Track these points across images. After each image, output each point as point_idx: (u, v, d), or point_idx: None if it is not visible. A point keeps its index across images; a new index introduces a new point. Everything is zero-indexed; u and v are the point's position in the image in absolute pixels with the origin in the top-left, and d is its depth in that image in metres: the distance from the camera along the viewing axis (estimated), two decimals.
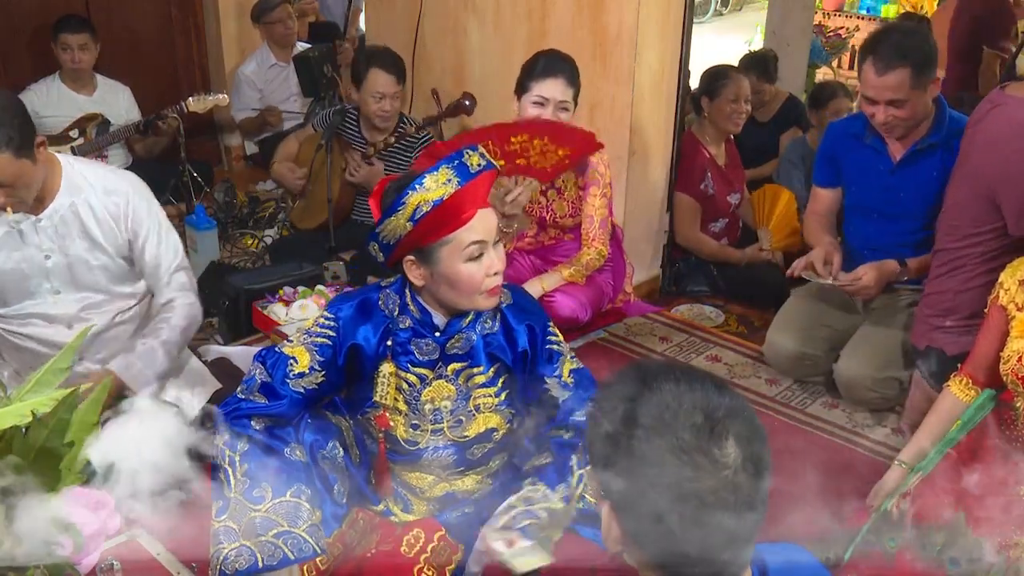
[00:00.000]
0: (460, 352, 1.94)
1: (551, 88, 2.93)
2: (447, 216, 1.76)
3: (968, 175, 2.46)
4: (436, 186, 1.74)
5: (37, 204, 2.33)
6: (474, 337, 1.93)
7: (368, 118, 3.78)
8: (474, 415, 1.96)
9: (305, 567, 1.86)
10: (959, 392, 2.12)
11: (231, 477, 1.82)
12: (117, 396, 2.45)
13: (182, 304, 2.51)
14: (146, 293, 2.59)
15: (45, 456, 1.29)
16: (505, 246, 2.14)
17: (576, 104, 3.02)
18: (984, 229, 2.41)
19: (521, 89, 3.01)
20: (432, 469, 2.00)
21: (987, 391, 2.06)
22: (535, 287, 3.05)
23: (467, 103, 3.71)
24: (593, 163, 3.09)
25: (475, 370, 1.94)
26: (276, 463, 1.86)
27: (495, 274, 1.84)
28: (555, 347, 2.00)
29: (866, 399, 2.93)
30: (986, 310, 2.08)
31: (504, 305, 1.96)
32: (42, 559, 1.30)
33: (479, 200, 1.80)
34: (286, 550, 1.78)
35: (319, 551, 1.83)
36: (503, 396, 1.96)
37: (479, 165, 1.78)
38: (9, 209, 2.25)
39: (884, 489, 2.11)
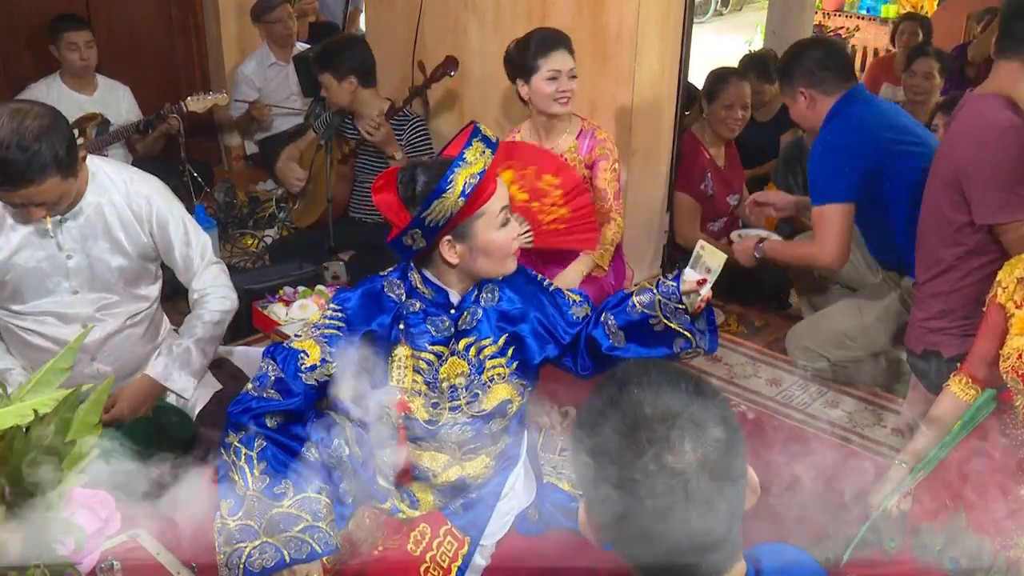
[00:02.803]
0: (469, 327, 1.98)
1: (559, 60, 2.97)
2: (485, 187, 1.86)
3: (939, 172, 2.54)
4: (476, 159, 1.83)
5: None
6: (479, 312, 1.99)
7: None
8: (488, 387, 1.99)
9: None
10: (959, 391, 2.12)
11: (247, 476, 1.83)
12: (156, 399, 2.52)
13: (214, 298, 2.55)
14: (159, 297, 2.61)
15: (46, 456, 1.29)
16: None
17: None
18: (959, 224, 2.47)
19: (526, 72, 3.00)
20: (448, 447, 2.01)
21: (988, 390, 2.06)
22: (571, 276, 3.02)
23: (450, 69, 3.77)
24: (600, 139, 3.09)
25: (484, 342, 1.99)
26: (294, 463, 1.87)
27: (517, 236, 1.97)
28: (556, 294, 2.10)
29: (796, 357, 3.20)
30: (984, 308, 2.09)
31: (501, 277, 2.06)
32: (42, 559, 1.31)
33: (495, 169, 1.93)
34: (313, 544, 1.80)
35: (339, 547, 1.86)
36: (514, 366, 2.01)
37: (495, 136, 1.91)
38: (48, 218, 2.29)
39: (885, 488, 2.11)
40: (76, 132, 3.98)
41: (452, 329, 1.97)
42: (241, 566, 1.80)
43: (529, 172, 2.99)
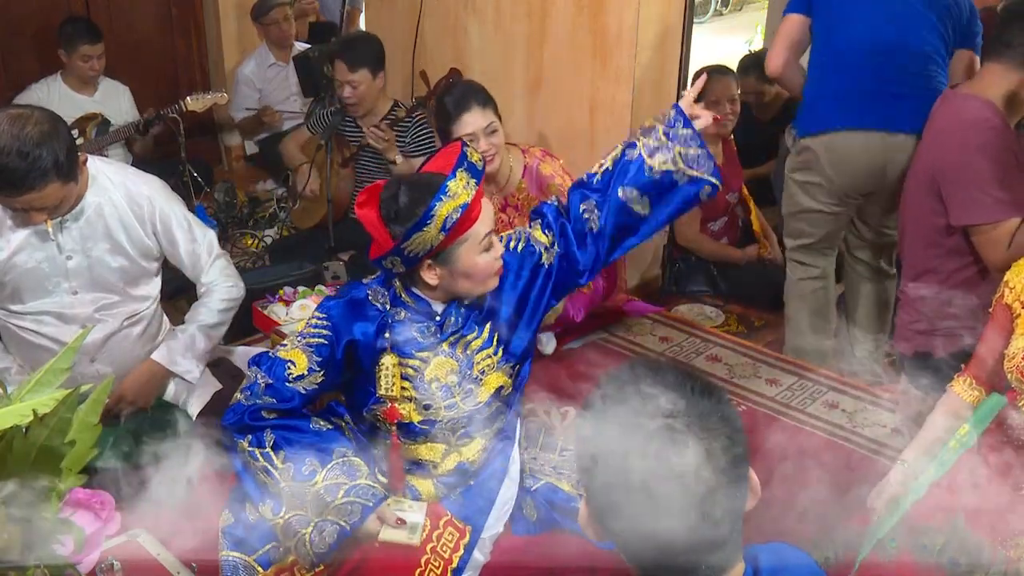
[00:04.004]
0: (455, 329, 2.00)
1: (471, 121, 2.87)
2: (469, 217, 1.83)
3: (918, 171, 2.57)
4: (460, 191, 1.80)
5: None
6: (462, 310, 2.00)
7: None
8: (481, 380, 2.00)
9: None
10: (962, 392, 2.11)
11: (274, 471, 1.85)
12: (161, 384, 2.54)
13: (221, 287, 2.56)
14: (157, 296, 2.61)
15: (46, 455, 1.29)
16: None
17: (500, 120, 2.96)
18: (938, 226, 2.50)
19: (446, 137, 2.95)
20: (444, 437, 2.03)
21: (994, 395, 2.04)
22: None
23: (454, 80, 3.73)
24: (548, 175, 3.05)
25: (469, 336, 2.00)
26: (308, 439, 1.90)
27: (500, 256, 1.96)
28: (519, 244, 2.07)
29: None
30: (990, 309, 2.08)
31: None
32: (42, 559, 1.31)
33: (481, 193, 1.90)
34: (361, 501, 1.82)
35: (387, 493, 1.89)
36: (500, 352, 2.03)
37: (480, 161, 1.88)
38: (49, 222, 2.29)
39: (887, 489, 2.11)
40: (76, 132, 3.99)
41: (437, 336, 1.99)
42: (310, 553, 1.82)
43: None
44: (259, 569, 1.90)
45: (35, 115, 2.16)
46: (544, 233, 2.08)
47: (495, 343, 2.02)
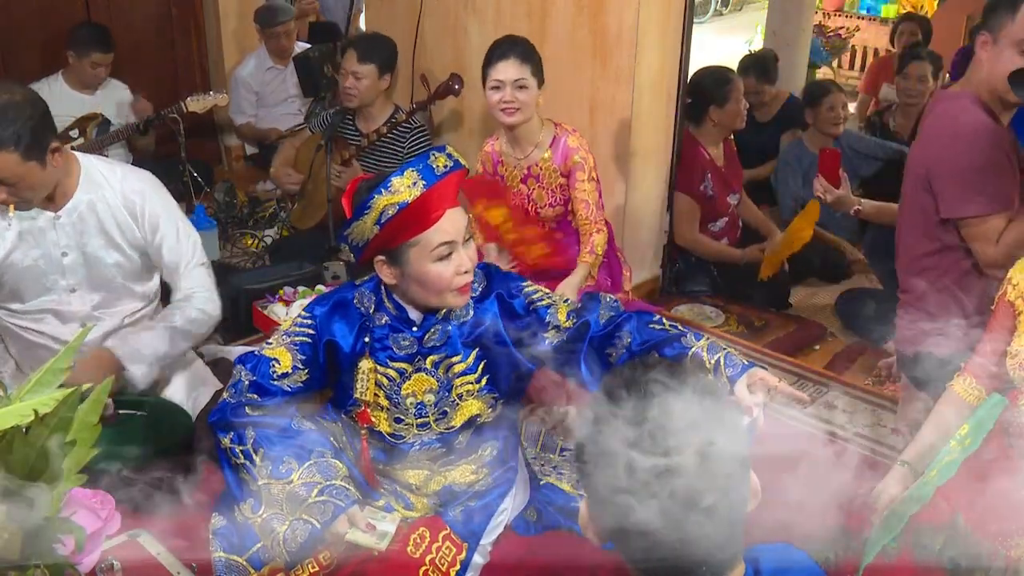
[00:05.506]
0: (438, 344, 1.95)
1: (504, 70, 2.96)
2: (414, 218, 1.79)
3: (913, 171, 2.57)
4: (402, 189, 1.77)
5: (52, 202, 2.33)
6: (450, 328, 1.95)
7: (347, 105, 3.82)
8: (457, 404, 1.98)
9: (308, 563, 1.87)
10: (962, 392, 2.10)
11: (253, 468, 1.83)
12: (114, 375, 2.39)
13: (200, 299, 2.50)
14: (156, 293, 2.60)
15: (46, 455, 1.29)
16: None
17: (538, 82, 3.00)
18: (933, 222, 2.49)
19: (483, 81, 3.05)
20: (421, 463, 2.02)
21: (995, 395, 2.04)
22: (568, 289, 3.02)
23: (455, 86, 3.73)
24: (573, 148, 3.07)
25: (454, 359, 1.96)
26: (289, 438, 1.87)
27: (465, 272, 1.87)
28: (538, 304, 1.96)
29: None
30: (992, 307, 2.08)
31: (477, 295, 1.97)
32: (42, 559, 1.31)
33: (447, 200, 1.83)
34: (334, 501, 1.80)
35: (360, 497, 1.86)
36: (484, 381, 1.98)
37: (445, 166, 1.81)
38: (11, 207, 2.24)
39: (886, 489, 2.10)
40: (76, 132, 4.00)
41: (415, 347, 1.95)
42: (283, 552, 1.82)
43: (518, 217, 3.08)
44: (251, 570, 1.90)
45: (12, 88, 2.15)
46: (568, 316, 1.94)
47: (480, 371, 1.97)
